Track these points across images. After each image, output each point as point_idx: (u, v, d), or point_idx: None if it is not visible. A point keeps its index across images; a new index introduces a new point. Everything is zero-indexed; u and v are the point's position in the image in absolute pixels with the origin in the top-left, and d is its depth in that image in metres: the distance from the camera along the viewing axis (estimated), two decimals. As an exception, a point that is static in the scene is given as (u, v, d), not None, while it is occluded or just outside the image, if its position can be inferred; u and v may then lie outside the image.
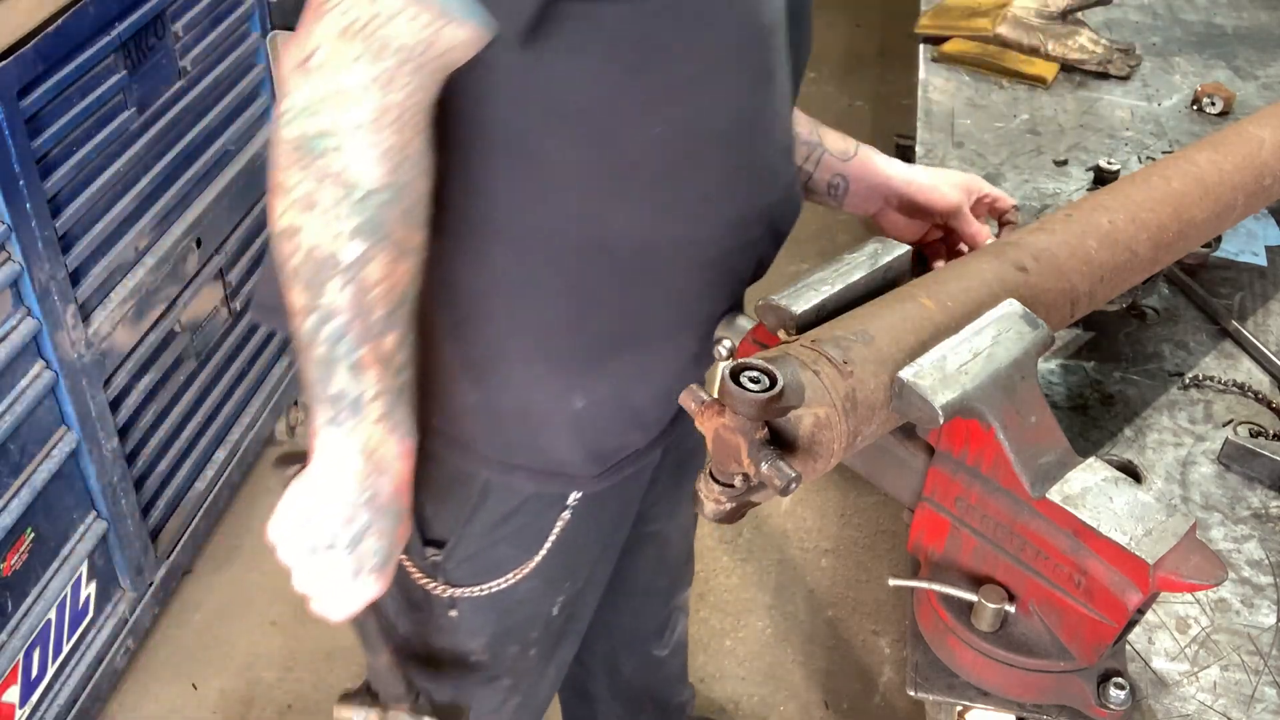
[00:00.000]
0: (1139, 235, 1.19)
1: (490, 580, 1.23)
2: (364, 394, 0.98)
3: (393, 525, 1.07)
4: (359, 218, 0.90)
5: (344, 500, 1.04)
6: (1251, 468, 1.24)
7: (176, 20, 1.99)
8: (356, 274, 0.92)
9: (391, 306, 0.95)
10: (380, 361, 0.97)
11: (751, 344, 1.07)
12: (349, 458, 1.01)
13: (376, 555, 1.08)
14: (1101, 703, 0.97)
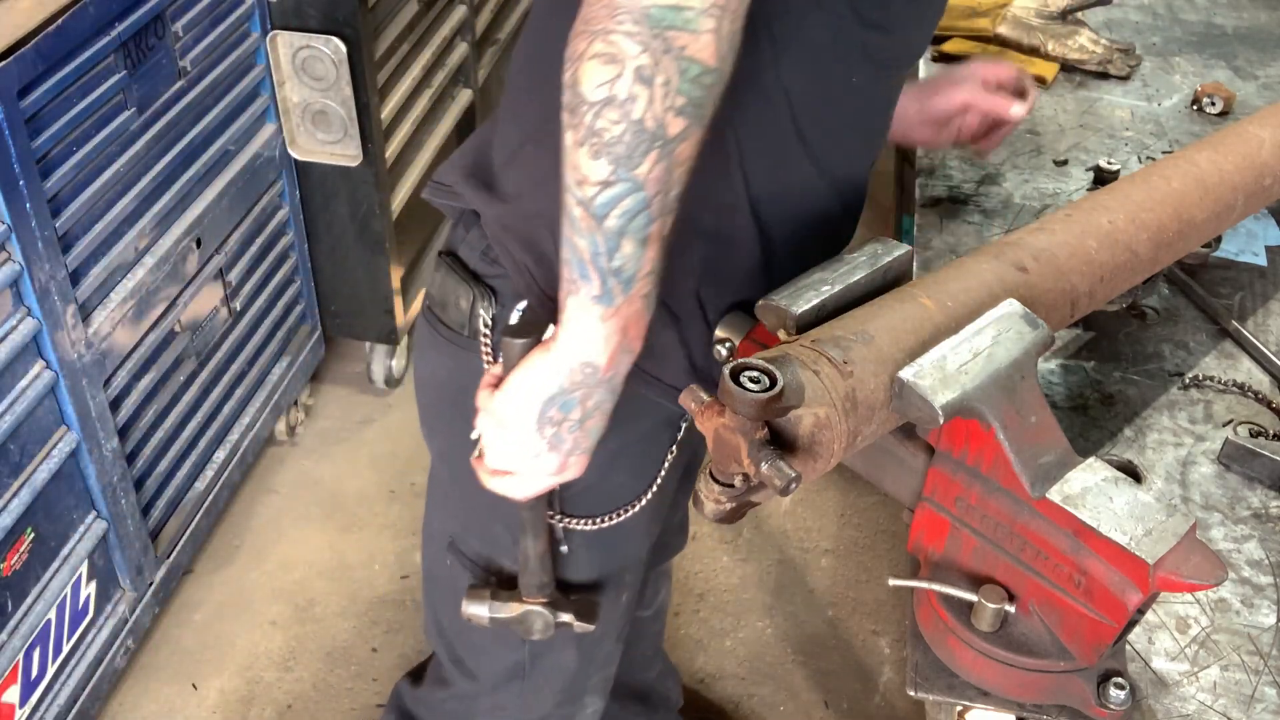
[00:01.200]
0: (1139, 235, 1.19)
1: (604, 513, 1.24)
2: (640, 269, 0.98)
3: (614, 406, 1.07)
4: (690, 96, 0.91)
5: (590, 376, 1.03)
6: (1251, 468, 1.24)
7: (176, 20, 1.99)
8: (673, 150, 0.93)
9: (680, 189, 0.97)
10: (661, 239, 0.98)
11: (751, 344, 1.07)
12: (610, 334, 1.01)
13: (592, 436, 1.08)
14: (1101, 703, 0.97)
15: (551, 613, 1.28)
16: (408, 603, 2.44)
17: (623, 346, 1.02)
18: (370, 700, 2.27)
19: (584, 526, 1.25)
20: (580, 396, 1.04)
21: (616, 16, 0.89)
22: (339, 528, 2.59)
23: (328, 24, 2.23)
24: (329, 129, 2.34)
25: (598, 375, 1.03)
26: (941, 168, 1.70)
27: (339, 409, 2.88)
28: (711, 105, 0.94)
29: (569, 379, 1.03)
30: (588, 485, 1.19)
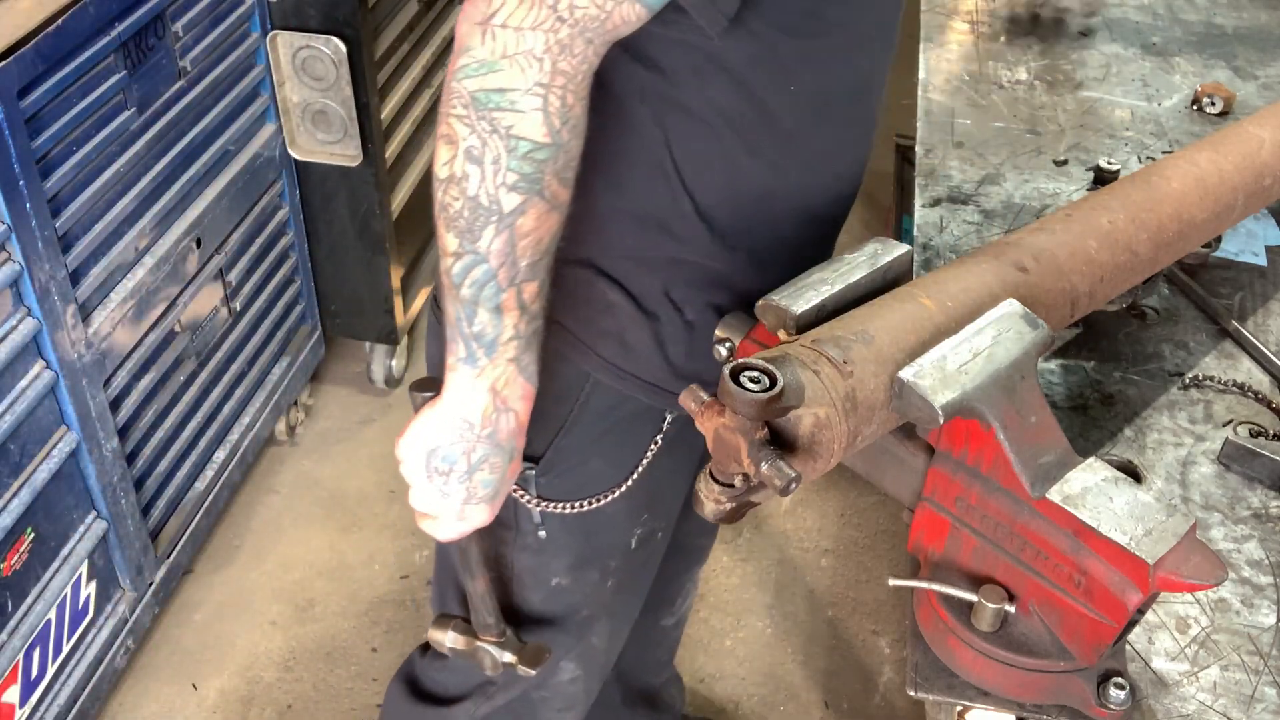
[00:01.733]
0: (1139, 235, 1.19)
1: (580, 498, 1.28)
2: (500, 335, 1.06)
3: (505, 461, 1.14)
4: (521, 172, 0.98)
5: (467, 432, 1.10)
6: (1251, 468, 1.24)
7: (176, 20, 1.99)
8: (511, 224, 1.00)
9: (536, 257, 1.03)
10: (519, 307, 1.05)
11: (751, 344, 1.07)
12: (479, 393, 1.08)
13: (487, 487, 1.14)
14: (1101, 703, 0.97)
15: (499, 652, 1.32)
16: (408, 603, 2.44)
17: (496, 406, 1.09)
18: (370, 700, 2.27)
19: (559, 510, 1.28)
20: (462, 450, 1.11)
21: (451, 100, 0.97)
22: (339, 528, 2.59)
23: (328, 24, 2.23)
24: (329, 129, 2.34)
25: (475, 432, 1.10)
26: (941, 168, 1.70)
27: (339, 409, 2.88)
28: (551, 180, 0.99)
29: (448, 434, 1.10)
30: (565, 469, 1.25)
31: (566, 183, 1.02)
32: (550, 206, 1.01)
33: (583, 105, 0.98)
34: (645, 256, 1.17)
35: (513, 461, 1.15)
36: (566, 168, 1.00)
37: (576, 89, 0.96)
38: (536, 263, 1.03)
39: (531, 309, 1.06)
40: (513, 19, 0.94)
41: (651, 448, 1.27)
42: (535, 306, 1.07)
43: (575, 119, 0.98)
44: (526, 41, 0.94)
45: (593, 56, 0.96)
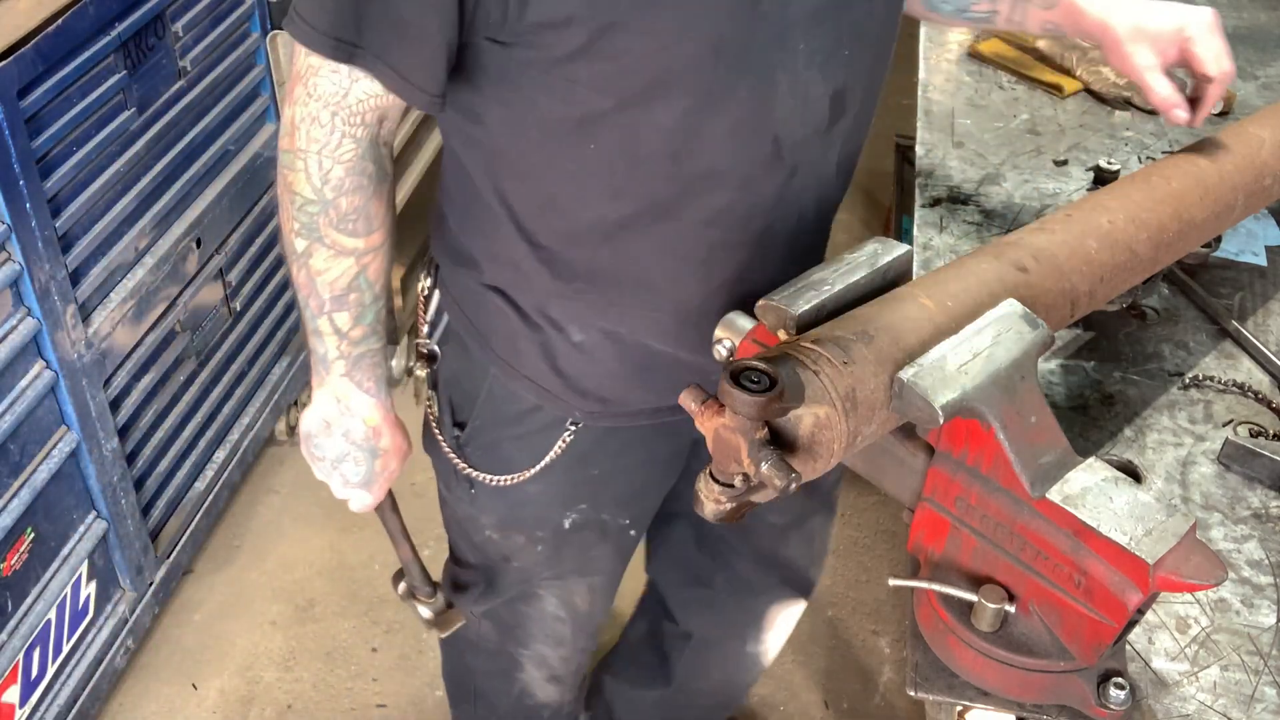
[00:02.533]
0: (1139, 235, 1.19)
1: (500, 474, 1.38)
2: (326, 354, 1.24)
3: (369, 458, 1.32)
4: (300, 220, 1.15)
5: (324, 431, 1.30)
6: (1251, 468, 1.24)
7: (176, 20, 1.99)
8: (305, 263, 1.17)
9: (338, 293, 1.19)
10: (336, 333, 1.22)
11: (751, 344, 1.07)
12: (325, 400, 1.28)
13: (356, 476, 1.32)
14: (1101, 703, 0.97)
15: (422, 609, 1.56)
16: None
17: (341, 412, 1.28)
18: (370, 700, 2.27)
19: (482, 478, 1.40)
20: (328, 443, 1.30)
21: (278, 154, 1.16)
22: (339, 528, 2.59)
23: (328, 24, 2.23)
24: (329, 129, 2.34)
25: (332, 431, 1.29)
26: (941, 168, 1.70)
27: (339, 409, 2.87)
28: (328, 229, 1.14)
29: (316, 427, 1.30)
30: (483, 445, 1.38)
31: (351, 233, 1.16)
32: (335, 252, 1.16)
33: (345, 168, 1.12)
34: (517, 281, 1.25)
35: (379, 458, 1.31)
36: (343, 221, 1.15)
37: (335, 155, 1.11)
38: (341, 297, 1.19)
39: (351, 335, 1.22)
40: (293, 92, 1.12)
41: (558, 446, 1.34)
42: (356, 333, 1.23)
43: (336, 180, 1.12)
44: (299, 112, 1.11)
45: (347, 128, 1.10)
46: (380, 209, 1.18)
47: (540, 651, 1.63)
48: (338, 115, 1.09)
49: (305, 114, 1.10)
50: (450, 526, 1.55)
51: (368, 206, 1.15)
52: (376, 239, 1.18)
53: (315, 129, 1.10)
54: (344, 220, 1.15)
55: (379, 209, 1.17)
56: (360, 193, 1.14)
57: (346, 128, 1.11)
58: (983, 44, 2.00)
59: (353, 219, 1.15)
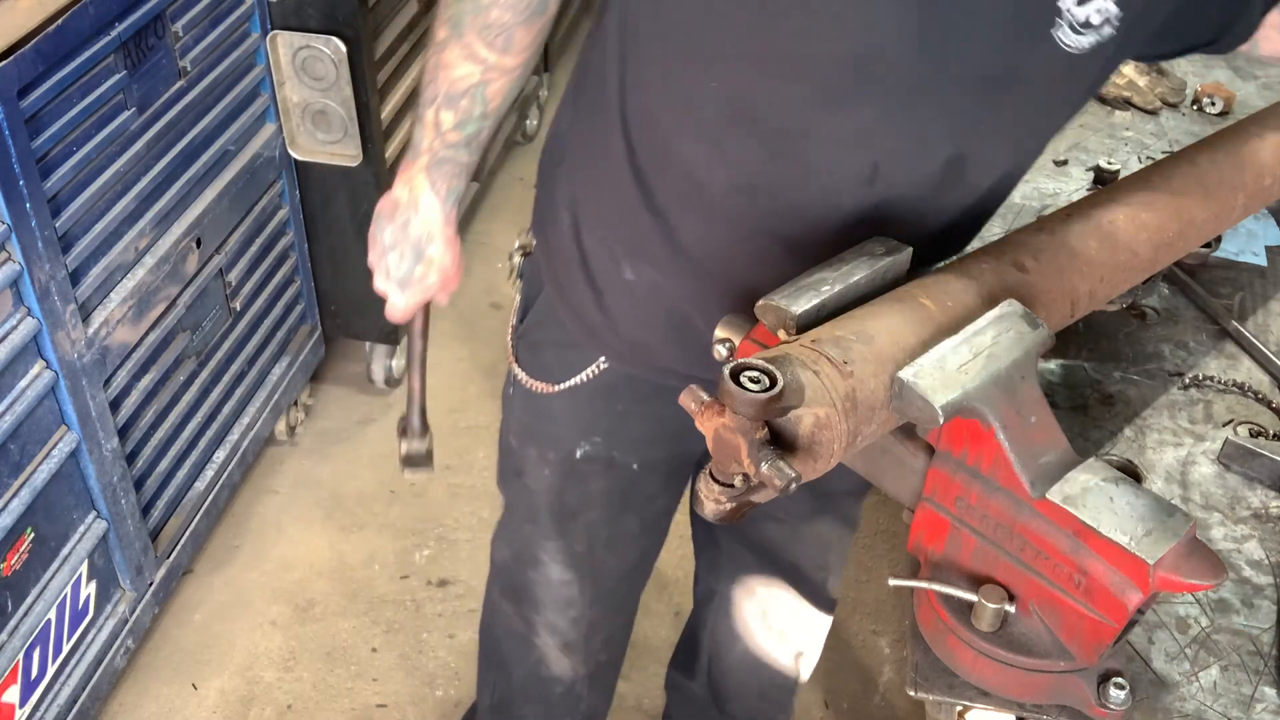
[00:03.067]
0: (1139, 235, 1.19)
1: (535, 378, 1.44)
2: (420, 144, 1.30)
3: (413, 258, 1.36)
4: (449, 11, 1.22)
5: (390, 214, 1.35)
6: (1251, 468, 1.24)
7: (176, 20, 1.99)
8: (439, 52, 1.24)
9: (453, 93, 1.25)
10: (435, 127, 1.28)
11: (751, 344, 1.07)
12: (399, 186, 1.34)
13: (397, 270, 1.37)
14: (1101, 703, 0.97)
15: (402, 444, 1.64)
16: (407, 603, 2.44)
17: (409, 203, 1.33)
18: (370, 700, 2.27)
19: (520, 378, 1.46)
20: (384, 226, 1.36)
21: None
22: (339, 528, 2.59)
23: (328, 24, 2.23)
24: (329, 129, 2.34)
25: (396, 216, 1.34)
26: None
27: (339, 409, 2.88)
28: (470, 30, 1.20)
29: (387, 207, 1.35)
30: (529, 344, 1.45)
31: (489, 45, 1.21)
32: (468, 55, 1.22)
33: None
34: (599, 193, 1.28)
35: (424, 263, 1.36)
36: (487, 30, 1.20)
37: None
38: (455, 97, 1.25)
39: (447, 136, 1.28)
40: None
41: (590, 371, 1.38)
42: (452, 137, 1.28)
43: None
44: None
45: None
46: (525, 37, 1.22)
47: (551, 620, 1.66)
48: None
49: None
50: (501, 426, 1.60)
51: (514, 30, 1.21)
52: (510, 62, 1.23)
53: None
54: (488, 30, 1.20)
55: (524, 36, 1.22)
56: (513, 11, 1.20)
57: None
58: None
59: (496, 33, 1.20)
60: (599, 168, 1.26)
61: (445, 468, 2.68)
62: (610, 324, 1.33)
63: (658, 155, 1.19)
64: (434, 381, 2.97)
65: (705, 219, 1.20)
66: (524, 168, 3.60)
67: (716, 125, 1.12)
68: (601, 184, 1.27)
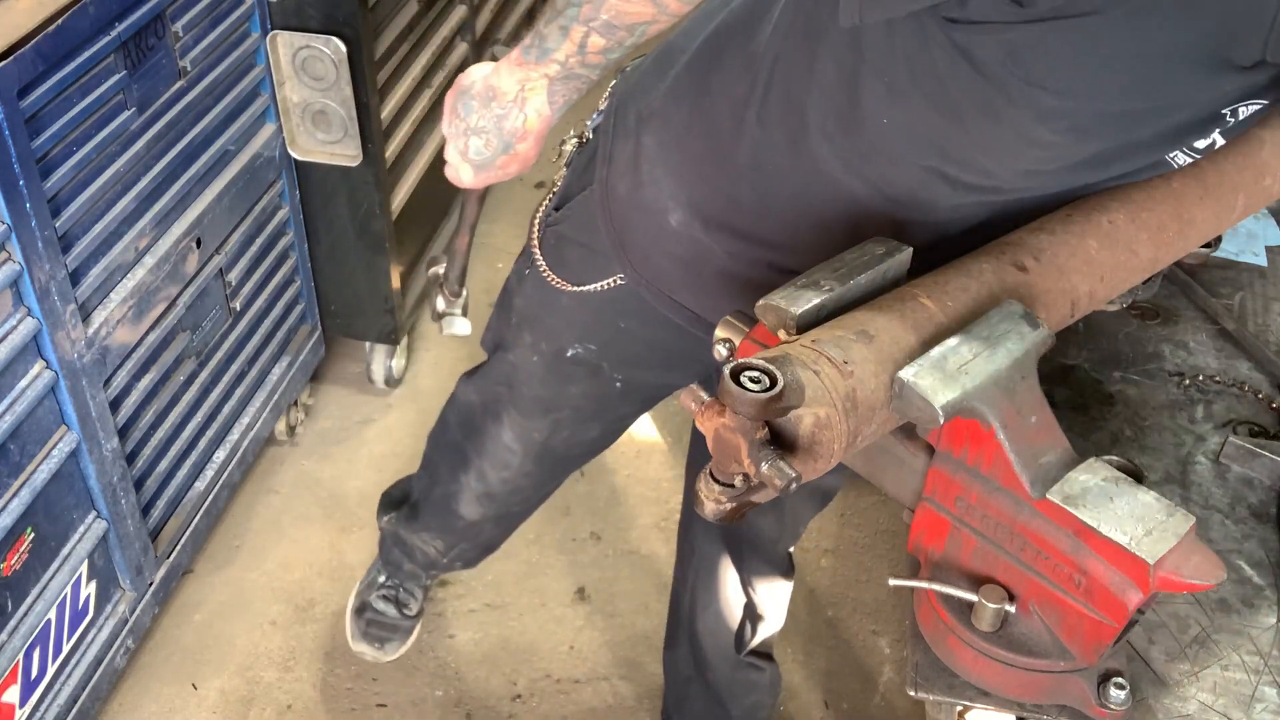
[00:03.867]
0: (1139, 235, 1.19)
1: (552, 270, 1.46)
2: (552, 51, 1.26)
3: (500, 149, 1.35)
4: None
5: (488, 98, 1.32)
6: (1251, 468, 1.24)
7: (176, 20, 1.99)
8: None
9: (618, 24, 1.22)
10: (579, 45, 1.25)
11: (751, 344, 1.07)
12: (511, 76, 1.30)
13: (477, 155, 1.37)
14: (1101, 703, 0.97)
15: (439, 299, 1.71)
16: (408, 603, 2.44)
17: (516, 99, 1.30)
18: (370, 700, 2.27)
19: (538, 264, 1.48)
20: (477, 108, 1.33)
21: None
22: (339, 528, 2.59)
23: (328, 24, 2.23)
24: (329, 129, 2.34)
25: (492, 105, 1.32)
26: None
27: (339, 409, 2.88)
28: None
29: (479, 88, 1.33)
30: (556, 236, 1.46)
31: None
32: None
33: None
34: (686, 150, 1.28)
35: (507, 156, 1.35)
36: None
37: None
38: (614, 26, 1.21)
39: (589, 58, 1.25)
40: None
41: (606, 283, 1.41)
42: (594, 59, 1.25)
43: None
44: None
45: None
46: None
47: (484, 469, 1.75)
48: None
49: None
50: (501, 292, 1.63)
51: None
52: (686, 9, 1.21)
53: None
54: None
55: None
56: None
57: None
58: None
59: None
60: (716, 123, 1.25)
61: (445, 468, 2.69)
62: (640, 248, 1.36)
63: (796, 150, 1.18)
64: (432, 382, 2.97)
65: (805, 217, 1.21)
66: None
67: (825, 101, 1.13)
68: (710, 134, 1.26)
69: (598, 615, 2.43)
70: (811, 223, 1.21)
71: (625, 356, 1.51)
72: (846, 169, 1.15)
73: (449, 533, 1.97)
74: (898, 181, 1.13)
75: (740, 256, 1.28)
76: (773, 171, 1.21)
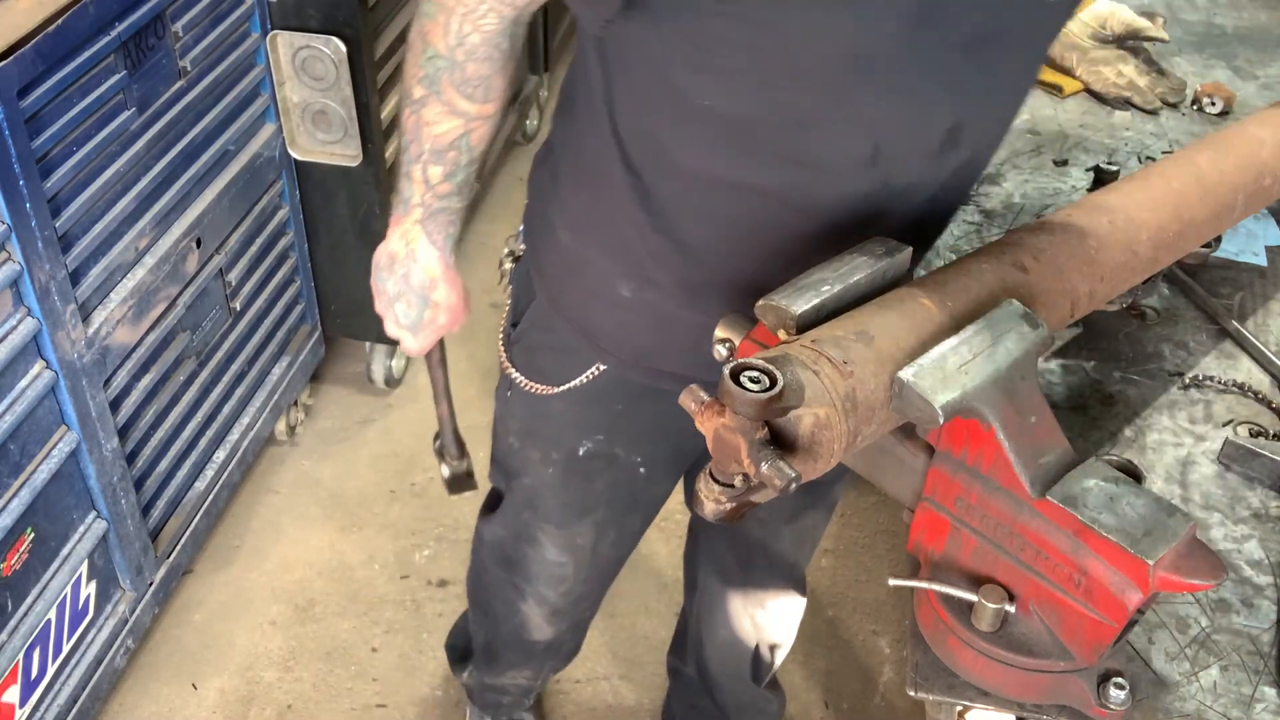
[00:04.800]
0: (1139, 235, 1.19)
1: (532, 381, 1.46)
2: (410, 198, 1.32)
3: (420, 304, 1.40)
4: (423, 70, 1.23)
5: (390, 265, 1.38)
6: (1251, 468, 1.24)
7: (176, 20, 1.99)
8: (418, 110, 1.26)
9: (439, 148, 1.27)
10: (424, 182, 1.30)
11: (751, 344, 1.07)
12: (396, 239, 1.37)
13: (406, 318, 1.41)
14: (1101, 703, 0.97)
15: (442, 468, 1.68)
16: (408, 603, 2.44)
17: (407, 254, 1.36)
18: (370, 700, 2.27)
19: (518, 380, 1.47)
20: (385, 277, 1.39)
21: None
22: (339, 528, 2.59)
23: (328, 24, 2.23)
24: (329, 129, 2.34)
25: (395, 268, 1.37)
26: (941, 168, 1.70)
27: (339, 409, 2.88)
28: (448, 88, 1.22)
29: (384, 260, 1.38)
30: (524, 348, 1.46)
31: (469, 97, 1.23)
32: (449, 110, 1.24)
33: (482, 37, 1.18)
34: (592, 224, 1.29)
35: (431, 308, 1.39)
36: (466, 84, 1.22)
37: (477, 23, 1.17)
38: (441, 151, 1.27)
39: (437, 189, 1.30)
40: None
41: (587, 375, 1.39)
42: (443, 189, 1.30)
43: (471, 46, 1.19)
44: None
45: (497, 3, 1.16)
46: (501, 83, 1.25)
47: (541, 591, 1.70)
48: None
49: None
50: (494, 423, 1.61)
51: (491, 79, 1.23)
52: (490, 109, 1.26)
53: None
54: (466, 84, 1.22)
55: (500, 82, 1.24)
56: (489, 63, 1.22)
57: (496, 2, 1.17)
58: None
59: (475, 85, 1.23)
60: (594, 185, 1.25)
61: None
62: (607, 333, 1.34)
63: (657, 168, 1.17)
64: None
65: (709, 223, 1.19)
66: (524, 168, 3.58)
67: (717, 137, 1.11)
68: (597, 199, 1.26)
69: (598, 615, 2.43)
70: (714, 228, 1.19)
71: (634, 436, 1.47)
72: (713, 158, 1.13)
73: (532, 659, 1.92)
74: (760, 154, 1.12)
75: (692, 297, 1.25)
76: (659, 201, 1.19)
